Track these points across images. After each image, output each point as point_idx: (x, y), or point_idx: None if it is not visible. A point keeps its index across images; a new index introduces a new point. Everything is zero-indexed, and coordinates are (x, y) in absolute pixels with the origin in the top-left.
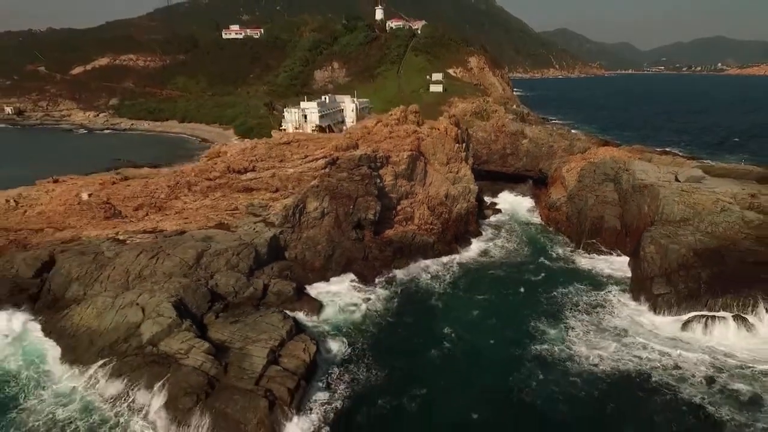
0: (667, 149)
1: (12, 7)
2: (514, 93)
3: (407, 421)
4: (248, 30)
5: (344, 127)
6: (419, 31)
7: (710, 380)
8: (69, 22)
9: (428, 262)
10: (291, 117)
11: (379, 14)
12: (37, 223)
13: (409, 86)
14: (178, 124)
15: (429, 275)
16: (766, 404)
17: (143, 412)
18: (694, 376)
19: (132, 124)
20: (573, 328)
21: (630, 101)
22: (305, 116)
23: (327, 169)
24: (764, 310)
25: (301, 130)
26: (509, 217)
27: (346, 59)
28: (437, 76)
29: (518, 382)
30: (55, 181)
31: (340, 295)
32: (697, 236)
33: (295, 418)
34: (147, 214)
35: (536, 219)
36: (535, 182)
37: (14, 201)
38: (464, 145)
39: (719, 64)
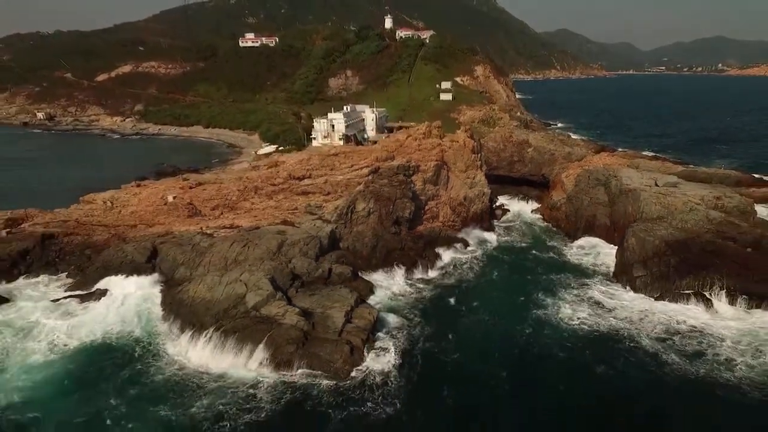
0: (659, 155)
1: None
2: (517, 97)
3: (447, 356)
4: (263, 38)
5: (366, 135)
6: (428, 41)
7: (665, 338)
8: (72, 23)
9: (452, 253)
10: (320, 127)
11: (388, 23)
12: (131, 220)
13: (420, 94)
14: (203, 129)
15: (454, 263)
16: (706, 356)
17: (254, 359)
18: (652, 333)
19: (159, 130)
20: (565, 300)
21: (629, 105)
22: (333, 126)
23: (370, 177)
24: (718, 288)
25: (329, 138)
26: (517, 216)
27: (359, 67)
28: (446, 84)
29: (523, 333)
30: (138, 186)
31: (386, 278)
32: (669, 231)
33: (368, 358)
34: (222, 213)
35: (539, 217)
36: (538, 185)
37: (110, 202)
38: (479, 155)
39: (720, 65)
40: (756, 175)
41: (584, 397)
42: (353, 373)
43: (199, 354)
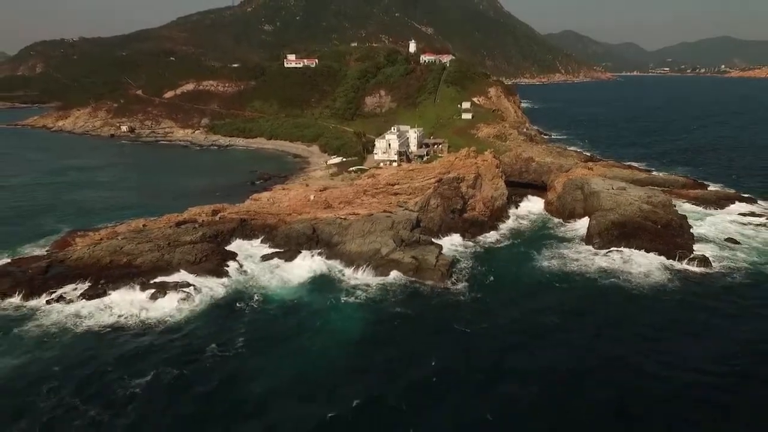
0: (632, 164)
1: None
2: (523, 104)
3: (485, 280)
4: (305, 60)
5: (410, 149)
6: (448, 65)
7: (600, 270)
8: (77, 25)
9: (484, 230)
10: (380, 144)
11: (412, 47)
12: (287, 210)
13: (444, 113)
14: (266, 141)
15: (487, 236)
16: (619, 277)
17: (392, 277)
18: (594, 269)
19: (229, 141)
20: (551, 255)
21: (625, 117)
22: (389, 144)
23: (437, 184)
24: (637, 248)
25: (387, 154)
26: (525, 209)
27: (391, 88)
28: (466, 104)
29: (524, 270)
30: (283, 189)
31: (448, 243)
32: (615, 216)
33: (449, 280)
34: (344, 206)
35: (540, 210)
36: (539, 188)
37: (271, 199)
38: (500, 168)
39: (723, 66)
40: (699, 180)
41: (549, 297)
42: (442, 284)
43: (359, 276)
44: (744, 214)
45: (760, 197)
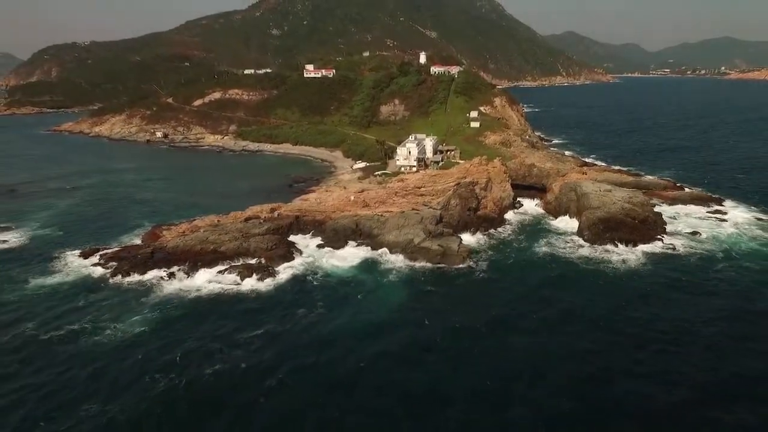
0: (622, 168)
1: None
2: (525, 109)
3: (496, 260)
4: (323, 70)
5: (427, 156)
6: (456, 76)
7: (584, 257)
8: (82, 31)
9: (495, 225)
10: (401, 152)
11: (423, 58)
12: (331, 209)
13: (455, 121)
14: (292, 146)
15: (497, 229)
16: (601, 262)
17: (421, 263)
18: (579, 255)
19: (258, 147)
20: (547, 244)
21: (621, 120)
22: (410, 152)
23: (455, 187)
24: (618, 240)
25: (407, 160)
26: (527, 207)
27: (404, 97)
28: (474, 114)
29: (525, 256)
30: (326, 191)
31: (466, 236)
32: (601, 213)
33: (469, 262)
34: (379, 205)
35: (540, 209)
36: (540, 190)
37: (318, 199)
38: (507, 174)
39: (723, 68)
40: (678, 183)
41: (547, 276)
42: (464, 266)
43: (397, 260)
44: (711, 212)
45: (728, 197)
